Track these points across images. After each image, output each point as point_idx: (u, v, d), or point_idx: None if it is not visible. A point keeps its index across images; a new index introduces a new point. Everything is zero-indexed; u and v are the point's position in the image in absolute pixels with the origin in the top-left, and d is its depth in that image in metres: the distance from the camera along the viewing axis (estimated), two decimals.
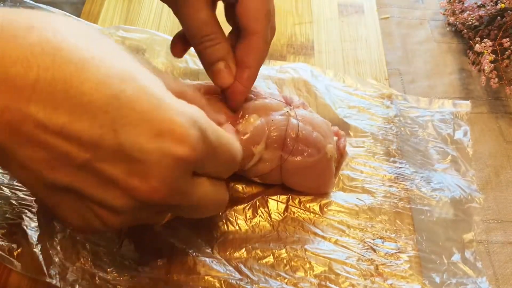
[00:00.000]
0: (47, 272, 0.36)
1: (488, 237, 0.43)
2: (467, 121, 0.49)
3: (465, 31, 0.58)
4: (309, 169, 0.40)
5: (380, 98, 0.50)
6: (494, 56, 0.52)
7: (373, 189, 0.43)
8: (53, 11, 0.52)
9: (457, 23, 0.58)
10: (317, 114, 0.43)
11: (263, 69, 0.50)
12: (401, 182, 0.44)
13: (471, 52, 0.56)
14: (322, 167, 0.41)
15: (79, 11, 0.57)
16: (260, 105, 0.41)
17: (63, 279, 0.36)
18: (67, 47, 0.23)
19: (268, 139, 0.39)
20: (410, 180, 0.44)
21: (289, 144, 0.39)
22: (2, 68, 0.21)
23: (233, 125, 0.39)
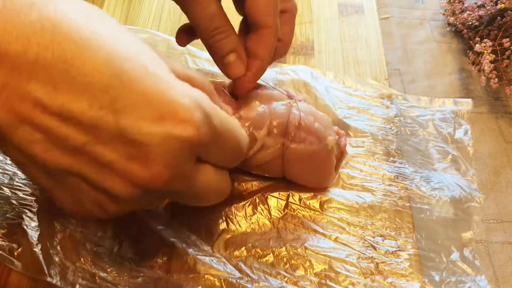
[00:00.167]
0: (48, 272, 0.36)
1: (488, 237, 0.43)
2: (468, 119, 0.49)
3: (465, 31, 0.58)
4: (310, 159, 0.40)
5: (380, 99, 0.50)
6: (494, 56, 0.52)
7: (372, 188, 0.43)
8: None
9: (457, 23, 0.58)
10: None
11: None
12: (400, 181, 0.44)
13: (471, 52, 0.56)
14: (323, 158, 0.40)
15: None
16: (263, 93, 0.41)
17: (63, 278, 0.36)
18: (68, 25, 0.22)
19: (270, 125, 0.39)
20: (410, 179, 0.44)
21: (291, 132, 0.39)
22: (2, 45, 0.21)
23: (236, 111, 0.39)
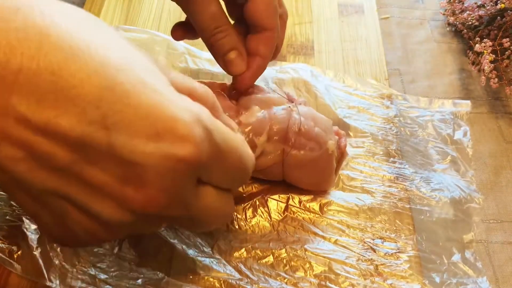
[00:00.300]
0: (47, 275, 0.36)
1: (488, 237, 0.43)
2: (467, 121, 0.49)
3: (465, 31, 0.58)
4: (310, 164, 0.40)
5: (380, 98, 0.50)
6: (494, 56, 0.52)
7: (372, 189, 0.43)
8: None
9: (457, 23, 0.58)
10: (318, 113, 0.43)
11: None
12: (400, 183, 0.44)
13: (471, 52, 0.56)
14: (323, 162, 0.40)
15: None
16: (263, 98, 0.41)
17: (63, 282, 0.36)
18: (56, 33, 0.20)
19: (270, 131, 0.39)
20: (410, 180, 0.44)
21: (291, 138, 0.39)
22: None
23: (235, 116, 0.39)
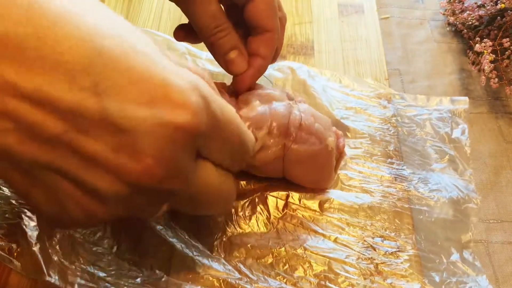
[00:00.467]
0: (47, 271, 0.36)
1: (488, 237, 0.43)
2: (465, 119, 0.49)
3: (465, 31, 0.58)
4: (310, 159, 0.40)
5: (377, 98, 0.50)
6: (494, 56, 0.52)
7: (371, 189, 0.43)
8: None
9: (457, 23, 0.58)
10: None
11: None
12: (399, 183, 0.44)
13: (471, 52, 0.56)
14: (323, 158, 0.40)
15: None
16: (264, 93, 0.41)
17: (62, 278, 0.36)
18: (43, 1, 0.20)
19: (271, 125, 0.39)
20: (408, 181, 0.44)
21: (292, 132, 0.39)
22: None
23: (236, 111, 0.39)
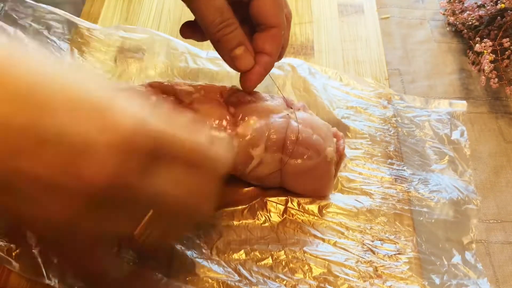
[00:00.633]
0: (46, 274, 0.36)
1: (488, 237, 0.43)
2: (463, 121, 0.49)
3: (465, 31, 0.57)
4: (308, 172, 0.40)
5: (377, 98, 0.50)
6: (494, 56, 0.52)
7: (371, 191, 0.43)
8: (54, 11, 0.53)
9: (457, 23, 0.58)
10: (317, 117, 0.43)
11: None
12: (399, 184, 0.44)
13: (471, 52, 0.56)
14: (322, 170, 0.40)
15: (79, 11, 0.57)
16: (260, 107, 0.41)
17: (62, 280, 0.36)
18: None
19: (268, 141, 0.39)
20: (408, 182, 0.44)
21: (289, 147, 0.39)
22: None
23: (233, 127, 0.39)
